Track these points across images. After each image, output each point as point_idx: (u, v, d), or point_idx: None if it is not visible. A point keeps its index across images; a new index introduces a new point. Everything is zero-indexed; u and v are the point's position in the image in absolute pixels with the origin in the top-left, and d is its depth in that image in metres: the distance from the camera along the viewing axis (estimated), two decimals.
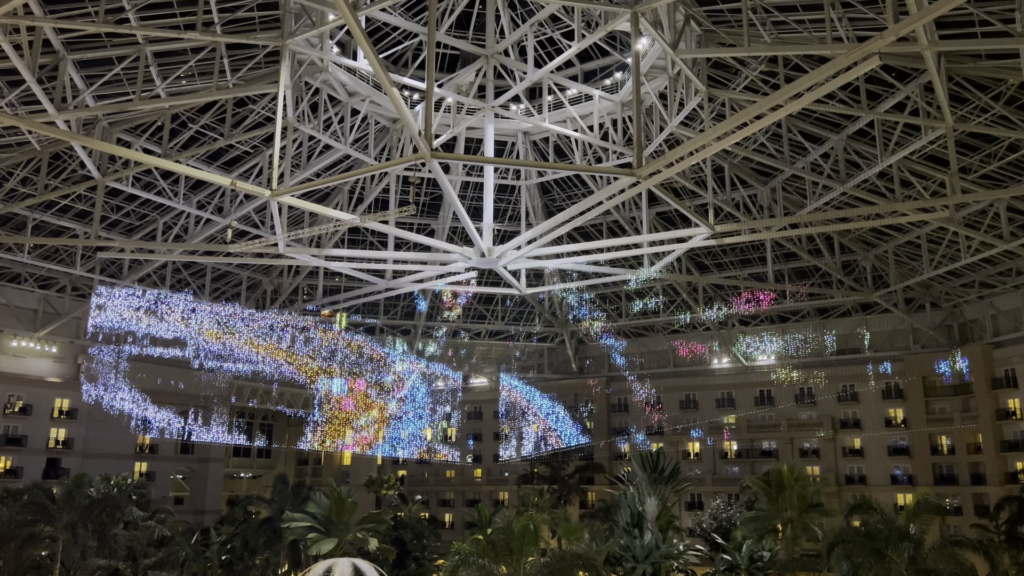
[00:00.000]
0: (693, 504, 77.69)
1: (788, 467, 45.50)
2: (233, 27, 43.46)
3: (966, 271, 62.23)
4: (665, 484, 44.83)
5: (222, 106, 50.17)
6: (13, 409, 66.11)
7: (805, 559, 43.77)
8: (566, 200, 68.37)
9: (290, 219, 59.01)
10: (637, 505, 44.57)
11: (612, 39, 54.58)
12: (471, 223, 46.57)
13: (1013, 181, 47.47)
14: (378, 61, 29.65)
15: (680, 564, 43.62)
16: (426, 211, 71.25)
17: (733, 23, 43.76)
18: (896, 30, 25.25)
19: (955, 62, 39.37)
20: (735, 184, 59.28)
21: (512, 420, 74.66)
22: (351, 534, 50.24)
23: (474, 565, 35.28)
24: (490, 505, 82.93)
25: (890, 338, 74.06)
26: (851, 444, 74.83)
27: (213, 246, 56.72)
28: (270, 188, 41.97)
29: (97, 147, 40.66)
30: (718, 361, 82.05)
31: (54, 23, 36.72)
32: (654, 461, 45.31)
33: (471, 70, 53.79)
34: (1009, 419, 66.25)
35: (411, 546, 61.79)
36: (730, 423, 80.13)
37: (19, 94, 41.79)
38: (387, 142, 59.78)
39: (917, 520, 37.29)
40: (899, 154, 45.88)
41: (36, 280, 65.36)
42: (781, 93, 31.10)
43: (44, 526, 48.70)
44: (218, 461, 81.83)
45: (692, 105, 48.26)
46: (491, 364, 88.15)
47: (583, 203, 45.50)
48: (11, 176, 51.35)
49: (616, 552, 41.71)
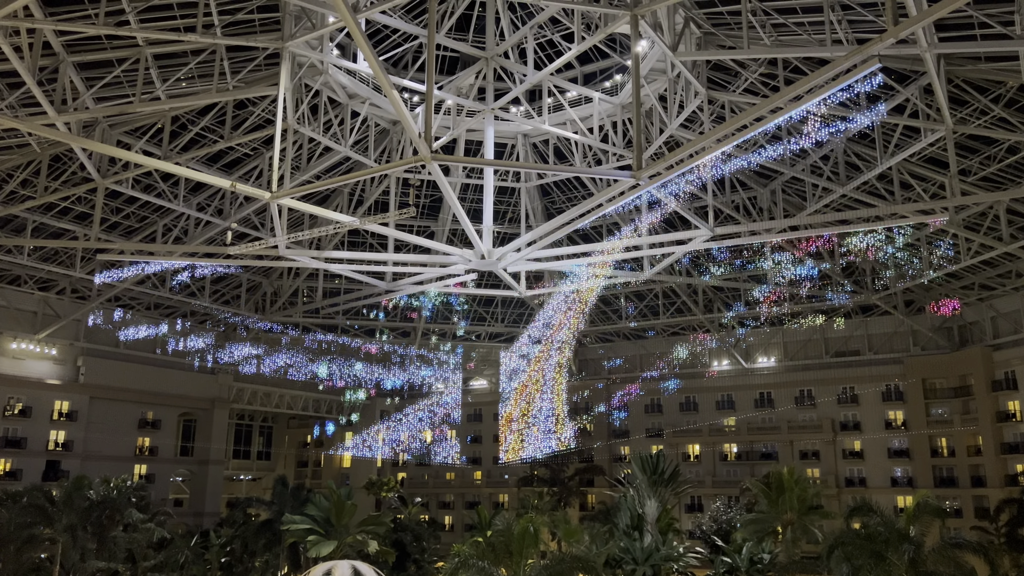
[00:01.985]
0: (693, 506, 77.64)
1: (788, 469, 45.50)
2: (233, 29, 43.49)
3: (966, 273, 62.23)
4: (665, 486, 44.80)
5: (222, 108, 50.20)
6: (13, 411, 66.07)
7: (805, 561, 43.73)
8: (566, 202, 68.41)
9: (290, 221, 59.01)
10: (637, 507, 44.53)
11: (612, 41, 54.60)
12: (471, 225, 46.51)
13: (1013, 183, 47.48)
14: (378, 63, 29.64)
15: (680, 566, 43.54)
16: (426, 213, 71.26)
17: (733, 25, 43.79)
18: (895, 32, 25.26)
19: (955, 64, 39.40)
20: (735, 186, 59.31)
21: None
22: (351, 536, 50.19)
23: (474, 567, 35.28)
24: (490, 507, 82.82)
25: (890, 340, 74.08)
26: (851, 446, 74.79)
27: (213, 248, 56.71)
28: (270, 190, 41.93)
29: (97, 149, 40.63)
30: (718, 363, 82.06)
31: (54, 25, 36.74)
32: (654, 463, 45.29)
33: (471, 72, 53.80)
34: (1009, 421, 66.23)
35: (411, 548, 61.70)
36: (730, 425, 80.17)
37: (19, 96, 41.80)
38: (387, 144, 59.80)
39: (917, 522, 37.24)
40: (899, 156, 45.91)
41: (36, 282, 65.36)
42: (781, 95, 31.10)
43: (43, 528, 48.61)
44: (218, 463, 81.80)
45: (692, 107, 48.27)
46: (491, 366, 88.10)
47: (583, 205, 45.49)
48: (11, 178, 51.40)
49: (616, 554, 41.63)
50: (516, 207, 69.05)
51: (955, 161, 42.90)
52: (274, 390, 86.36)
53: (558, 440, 61.14)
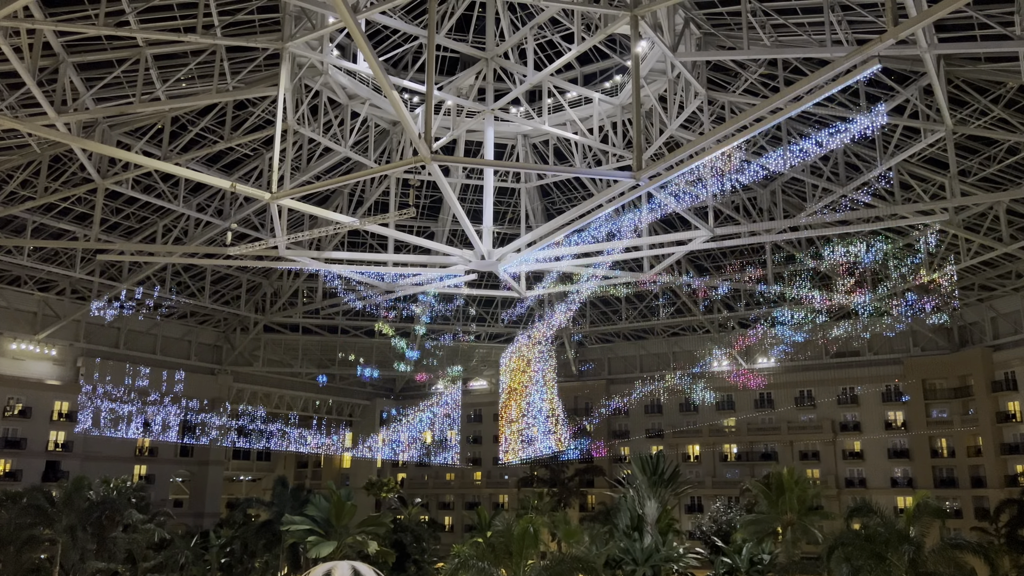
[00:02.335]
0: (693, 507, 77.65)
1: (788, 470, 45.54)
2: (233, 30, 43.50)
3: (966, 274, 62.22)
4: (665, 487, 44.79)
5: (222, 109, 50.20)
6: (12, 412, 66.07)
7: (805, 562, 43.79)
8: (566, 203, 68.41)
9: (290, 222, 59.01)
10: (637, 508, 44.52)
11: (612, 42, 54.59)
12: (471, 226, 46.47)
13: (1013, 184, 47.50)
14: (378, 64, 29.61)
15: (680, 567, 43.55)
16: (426, 214, 71.26)
17: (733, 26, 43.80)
18: (895, 33, 25.24)
19: (954, 65, 39.42)
20: (735, 187, 59.19)
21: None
22: (351, 537, 50.16)
23: (474, 568, 35.31)
24: (490, 508, 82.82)
25: (890, 341, 74.04)
26: (851, 447, 74.78)
27: (213, 249, 56.72)
28: (270, 191, 41.91)
29: (97, 150, 40.62)
30: (718, 364, 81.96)
31: (54, 26, 36.74)
32: (654, 464, 45.30)
33: (471, 73, 53.79)
34: (1009, 422, 66.25)
35: (411, 549, 61.71)
36: (730, 426, 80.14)
37: (19, 97, 41.81)
38: (387, 145, 59.80)
39: (917, 523, 37.33)
40: (899, 157, 45.91)
41: (36, 283, 65.34)
42: (781, 96, 31.09)
43: (43, 529, 48.61)
44: (217, 464, 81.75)
45: (692, 108, 48.25)
46: (491, 367, 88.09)
47: (583, 205, 45.46)
48: (11, 179, 51.39)
49: (616, 555, 41.63)
50: (516, 208, 69.07)
51: (955, 162, 42.90)
52: (274, 391, 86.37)
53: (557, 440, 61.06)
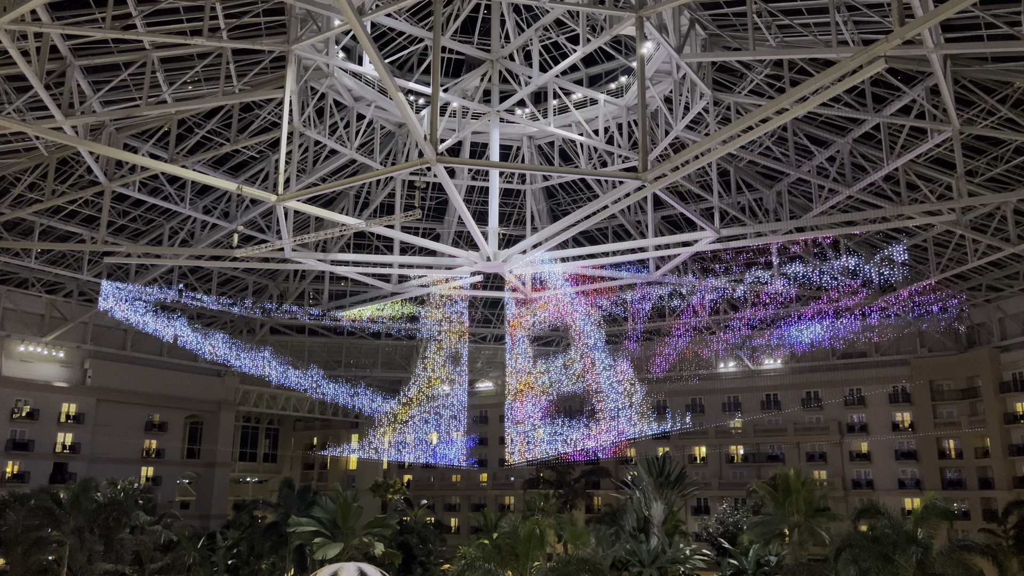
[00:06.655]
0: (699, 508, 77.45)
1: (795, 471, 45.40)
2: (239, 33, 43.62)
3: (973, 274, 62.00)
4: (671, 488, 44.79)
5: (228, 111, 50.34)
6: (20, 414, 66.32)
7: (812, 563, 43.55)
8: (571, 204, 68.38)
9: (296, 224, 59.09)
10: (643, 509, 44.53)
11: (617, 43, 54.56)
12: (476, 227, 46.53)
13: (1020, 184, 47.31)
14: (383, 66, 29.67)
15: (686, 569, 43.50)
16: (432, 215, 71.32)
17: (738, 27, 43.74)
18: (902, 33, 25.17)
19: (961, 65, 39.27)
20: (741, 188, 59.19)
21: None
22: (357, 538, 50.21)
23: (480, 570, 35.36)
24: (496, 509, 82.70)
25: (897, 342, 73.81)
26: (858, 448, 74.54)
27: (220, 251, 56.88)
28: (276, 193, 42.03)
29: (104, 152, 40.80)
30: (724, 365, 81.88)
31: (61, 29, 36.86)
32: (660, 465, 45.27)
33: (476, 75, 53.86)
34: (1017, 423, 65.94)
35: (417, 550, 61.78)
36: (736, 427, 79.94)
37: (26, 100, 41.98)
38: (392, 147, 59.88)
39: (925, 524, 37.18)
40: (905, 157, 45.77)
41: (43, 285, 65.62)
42: (786, 96, 31.04)
43: (51, 530, 48.78)
44: (224, 465, 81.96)
45: (697, 109, 48.21)
46: (496, 368, 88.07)
47: (588, 207, 45.49)
48: (19, 181, 51.59)
49: (622, 557, 41.64)
50: (521, 209, 69.07)
51: (962, 162, 42.71)
52: (280, 392, 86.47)
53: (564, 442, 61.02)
